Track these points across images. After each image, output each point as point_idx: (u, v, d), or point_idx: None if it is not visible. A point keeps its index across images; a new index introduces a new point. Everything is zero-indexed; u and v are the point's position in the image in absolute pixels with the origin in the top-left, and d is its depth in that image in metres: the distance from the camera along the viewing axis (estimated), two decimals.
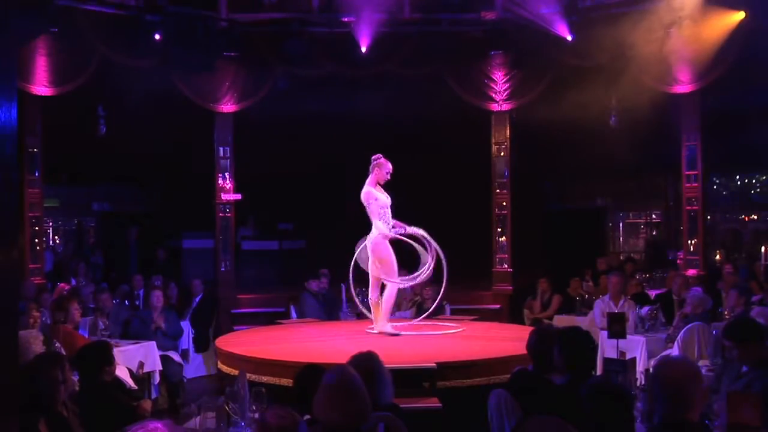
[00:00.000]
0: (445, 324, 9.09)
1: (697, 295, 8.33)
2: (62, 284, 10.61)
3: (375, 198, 7.98)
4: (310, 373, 4.09)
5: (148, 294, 9.68)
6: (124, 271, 12.69)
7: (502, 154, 12.28)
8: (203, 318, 10.89)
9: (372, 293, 8.19)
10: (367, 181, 8.10)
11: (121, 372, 7.10)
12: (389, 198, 8.16)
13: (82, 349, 5.48)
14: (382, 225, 7.97)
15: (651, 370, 5.08)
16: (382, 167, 8.05)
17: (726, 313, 8.15)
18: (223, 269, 12.12)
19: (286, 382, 5.83)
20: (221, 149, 12.13)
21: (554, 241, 13.39)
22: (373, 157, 8.13)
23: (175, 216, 13.89)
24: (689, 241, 11.47)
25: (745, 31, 10.02)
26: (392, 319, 9.35)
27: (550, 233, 13.67)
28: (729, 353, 5.01)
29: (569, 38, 10.87)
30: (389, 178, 8.12)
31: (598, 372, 7.69)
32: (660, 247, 15.19)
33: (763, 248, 12.42)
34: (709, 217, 13.38)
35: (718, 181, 15.80)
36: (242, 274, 12.76)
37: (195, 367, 10.43)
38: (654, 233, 16.52)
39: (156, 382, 8.63)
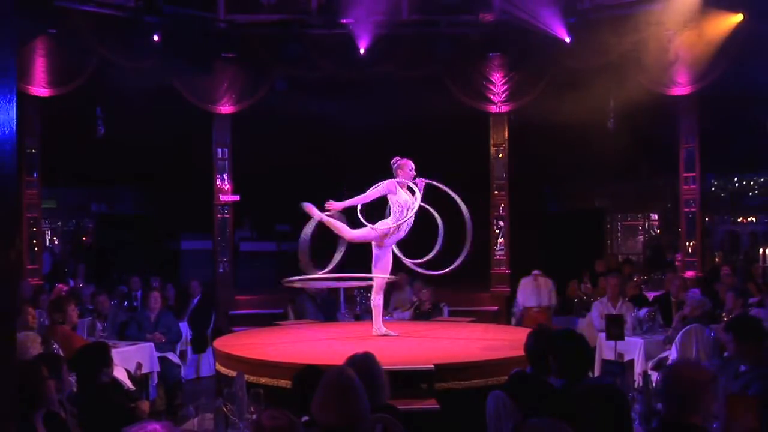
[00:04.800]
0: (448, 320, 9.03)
1: (696, 297, 8.33)
2: (60, 285, 10.60)
3: (396, 193, 7.67)
4: (308, 375, 4.08)
5: (146, 295, 9.67)
6: (121, 273, 12.68)
7: (500, 155, 12.29)
8: (201, 319, 10.87)
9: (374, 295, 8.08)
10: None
11: (119, 373, 7.09)
12: (415, 199, 7.66)
13: (80, 350, 5.47)
14: (387, 222, 7.81)
15: (651, 371, 5.10)
16: (404, 167, 7.73)
17: (724, 315, 8.15)
18: (221, 270, 12.13)
19: (284, 383, 5.81)
20: (219, 150, 12.13)
21: (552, 243, 13.39)
22: (392, 162, 7.80)
23: (174, 217, 13.89)
24: (687, 243, 11.48)
25: (743, 33, 10.04)
26: (392, 321, 9.34)
27: (548, 235, 13.68)
28: (727, 347, 5.00)
29: (567, 40, 10.89)
30: (414, 173, 7.78)
31: (596, 374, 7.71)
32: (658, 249, 15.21)
33: (761, 250, 12.42)
34: (707, 219, 13.39)
35: (716, 183, 15.80)
36: (240, 276, 12.75)
37: (193, 369, 10.42)
38: (653, 235, 16.53)
39: (154, 384, 8.62)
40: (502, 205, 12.27)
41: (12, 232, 2.59)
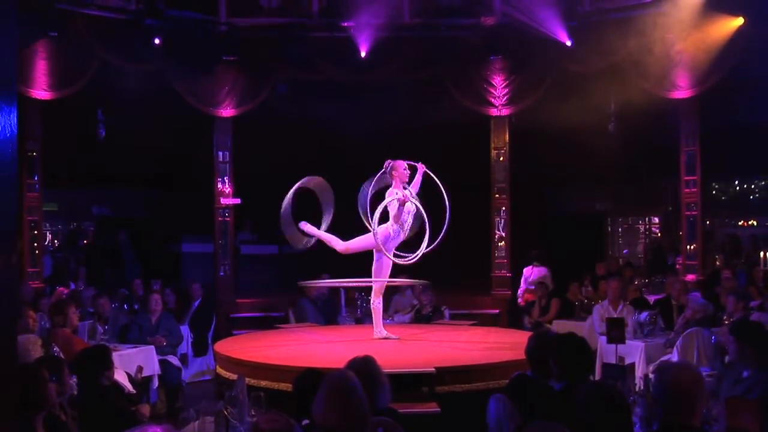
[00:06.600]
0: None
1: (698, 300, 8.32)
2: (61, 288, 10.60)
3: (395, 198, 7.65)
4: (309, 378, 4.08)
5: (147, 298, 9.66)
6: (122, 276, 12.68)
7: (501, 159, 12.29)
8: (202, 322, 10.87)
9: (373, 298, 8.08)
10: (392, 186, 7.76)
11: (120, 376, 7.09)
12: (411, 198, 7.71)
13: (80, 353, 5.48)
14: (387, 225, 7.82)
15: (652, 375, 5.10)
16: (398, 168, 7.74)
17: (725, 318, 8.14)
18: (222, 273, 12.12)
19: (285, 386, 5.82)
20: (221, 153, 12.13)
21: (553, 247, 13.38)
22: (385, 166, 7.80)
23: (175, 220, 13.88)
24: (688, 247, 11.48)
25: (744, 36, 10.05)
26: (393, 324, 9.35)
27: (549, 238, 13.67)
28: (728, 349, 4.99)
29: (568, 43, 10.89)
30: (409, 172, 7.81)
31: (597, 377, 7.71)
32: (659, 252, 15.19)
33: (762, 253, 12.39)
34: (707, 222, 13.38)
35: (717, 186, 15.77)
36: (241, 279, 12.74)
37: (194, 372, 10.41)
38: (654, 238, 16.51)
39: (155, 387, 8.62)
40: (503, 208, 12.27)
41: (13, 235, 2.59)
